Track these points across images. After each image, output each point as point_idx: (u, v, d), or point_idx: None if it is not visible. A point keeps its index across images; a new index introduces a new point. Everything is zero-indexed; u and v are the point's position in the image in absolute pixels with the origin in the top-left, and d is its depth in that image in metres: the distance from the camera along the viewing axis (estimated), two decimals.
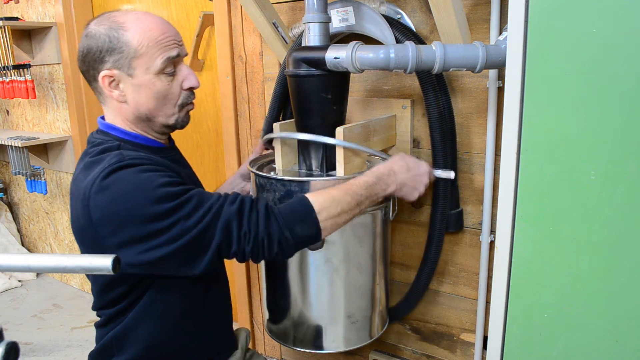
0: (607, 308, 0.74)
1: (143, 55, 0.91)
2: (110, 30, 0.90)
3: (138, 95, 0.93)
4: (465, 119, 1.22)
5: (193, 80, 0.97)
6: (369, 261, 1.13)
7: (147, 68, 0.91)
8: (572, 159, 0.72)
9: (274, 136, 1.13)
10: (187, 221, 0.84)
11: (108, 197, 0.85)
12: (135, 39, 0.90)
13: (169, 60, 0.93)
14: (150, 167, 0.88)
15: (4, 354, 0.50)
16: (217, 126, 1.96)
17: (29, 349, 2.07)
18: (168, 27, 0.94)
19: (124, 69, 0.91)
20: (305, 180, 1.04)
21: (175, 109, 0.97)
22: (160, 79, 0.93)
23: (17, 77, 2.33)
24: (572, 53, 0.69)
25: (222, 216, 0.86)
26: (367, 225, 1.10)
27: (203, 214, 0.85)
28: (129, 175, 0.86)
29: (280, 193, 1.05)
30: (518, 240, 0.80)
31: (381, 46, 0.96)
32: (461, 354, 1.38)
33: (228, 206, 0.87)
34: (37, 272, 2.79)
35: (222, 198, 0.89)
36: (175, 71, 0.95)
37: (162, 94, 0.94)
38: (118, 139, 0.96)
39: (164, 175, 0.87)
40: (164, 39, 0.92)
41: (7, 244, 2.83)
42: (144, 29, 0.91)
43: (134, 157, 0.89)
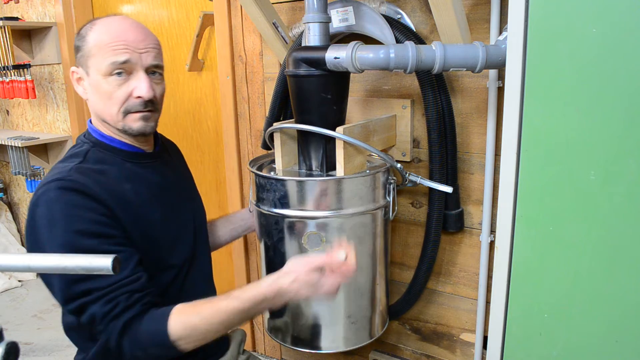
0: (607, 308, 0.74)
1: (95, 55, 0.94)
2: (85, 29, 0.96)
3: (92, 94, 0.98)
4: (465, 119, 1.22)
5: (143, 89, 0.96)
6: (369, 261, 1.13)
7: (97, 69, 0.95)
8: (572, 159, 0.72)
9: (276, 127, 1.12)
10: (71, 285, 0.88)
11: (31, 214, 0.91)
12: (92, 40, 0.94)
13: (115, 64, 0.93)
14: (80, 201, 0.89)
15: (4, 354, 0.50)
16: (217, 126, 1.96)
17: (29, 349, 2.07)
18: (129, 32, 0.95)
19: (84, 67, 0.97)
20: (304, 180, 1.04)
21: (119, 115, 0.97)
22: (107, 81, 0.95)
23: (17, 77, 2.33)
24: (572, 53, 0.69)
25: (91, 308, 0.89)
26: (366, 225, 1.10)
27: (80, 292, 0.88)
28: (53, 200, 0.89)
29: (280, 193, 1.05)
30: (518, 240, 0.80)
31: (381, 46, 0.96)
32: (461, 354, 1.38)
33: (102, 305, 0.88)
34: (37, 272, 2.79)
35: (114, 286, 0.89)
36: (129, 78, 0.96)
37: (107, 96, 0.96)
38: (95, 142, 1.00)
39: (87, 220, 0.89)
40: (114, 43, 0.93)
41: (7, 244, 2.83)
42: (103, 31, 0.94)
43: (76, 181, 0.90)
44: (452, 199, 1.23)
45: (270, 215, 1.08)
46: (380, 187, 1.10)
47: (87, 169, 0.95)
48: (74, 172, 0.93)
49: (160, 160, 1.08)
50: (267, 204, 1.08)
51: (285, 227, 1.07)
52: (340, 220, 1.05)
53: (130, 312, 0.90)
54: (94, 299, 0.89)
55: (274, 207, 1.07)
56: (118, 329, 0.89)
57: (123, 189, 0.97)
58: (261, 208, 1.11)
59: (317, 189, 1.03)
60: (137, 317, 0.90)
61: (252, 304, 0.90)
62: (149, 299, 0.94)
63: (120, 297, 0.89)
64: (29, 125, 2.68)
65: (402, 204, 1.37)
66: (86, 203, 0.90)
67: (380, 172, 1.09)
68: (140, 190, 1.00)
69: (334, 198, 1.04)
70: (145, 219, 0.99)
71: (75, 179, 0.91)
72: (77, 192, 0.90)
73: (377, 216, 1.11)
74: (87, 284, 0.88)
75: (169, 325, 0.88)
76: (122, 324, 0.89)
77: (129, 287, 0.91)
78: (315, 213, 1.04)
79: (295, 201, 1.04)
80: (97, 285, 0.89)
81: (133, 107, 0.97)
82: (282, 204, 1.06)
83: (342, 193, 1.04)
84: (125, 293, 0.90)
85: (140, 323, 0.90)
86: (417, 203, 1.35)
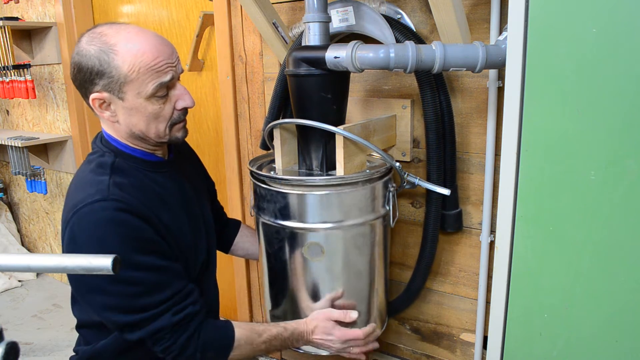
0: (607, 308, 0.74)
1: (134, 80, 0.89)
2: (101, 53, 0.88)
3: (129, 117, 0.93)
4: (465, 119, 1.22)
5: (188, 100, 0.96)
6: (368, 268, 1.13)
7: (138, 93, 0.90)
8: (572, 159, 0.72)
9: (276, 122, 1.12)
10: (129, 301, 0.90)
11: (72, 236, 0.88)
12: (125, 65, 0.88)
13: (161, 85, 0.91)
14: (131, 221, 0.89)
15: (4, 354, 0.50)
16: (217, 126, 1.96)
17: (29, 349, 2.07)
18: (162, 49, 0.91)
19: (115, 92, 0.90)
20: (306, 193, 1.03)
21: (167, 130, 0.97)
22: (151, 103, 0.92)
23: (17, 77, 2.33)
24: (572, 53, 0.69)
25: (158, 321, 0.91)
26: (366, 235, 1.10)
27: (141, 307, 0.90)
28: (103, 223, 0.88)
29: (280, 204, 1.06)
30: (518, 240, 0.80)
31: (381, 45, 0.96)
32: (461, 354, 1.38)
33: (171, 316, 0.92)
34: (37, 272, 2.79)
35: (171, 302, 0.93)
36: (169, 93, 0.94)
37: (153, 116, 0.93)
38: (116, 151, 0.98)
39: (142, 239, 0.90)
40: (157, 64, 0.90)
41: (7, 244, 2.83)
42: (136, 53, 0.88)
43: (120, 200, 0.89)
44: (450, 199, 1.23)
45: (271, 225, 1.09)
46: (379, 197, 1.10)
47: (123, 184, 0.92)
48: (114, 189, 0.90)
49: (176, 168, 1.08)
50: (268, 214, 1.09)
51: (285, 237, 1.08)
52: (340, 232, 1.06)
53: (197, 319, 0.97)
54: (161, 312, 0.91)
55: (274, 218, 1.08)
56: (187, 337, 0.94)
57: (157, 204, 0.97)
58: (262, 217, 1.11)
59: (318, 202, 1.04)
60: (203, 324, 0.98)
61: (291, 336, 1.06)
62: (205, 308, 1.01)
63: (188, 307, 0.95)
64: (29, 125, 2.68)
65: (402, 204, 1.37)
66: (134, 222, 0.89)
67: (380, 181, 1.09)
68: (168, 202, 1.00)
69: (334, 210, 1.04)
70: (178, 232, 1.00)
71: (119, 197, 0.89)
72: (124, 211, 0.88)
73: (376, 225, 1.11)
74: (146, 299, 0.90)
75: (235, 335, 0.99)
76: (191, 332, 0.95)
77: (192, 298, 0.97)
78: (315, 225, 1.05)
79: (295, 213, 1.05)
80: (157, 300, 0.91)
81: (178, 119, 0.97)
82: (282, 215, 1.06)
83: (342, 205, 1.04)
84: (191, 304, 0.96)
85: (206, 330, 0.97)
86: (417, 203, 1.35)
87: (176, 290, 0.93)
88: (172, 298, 0.92)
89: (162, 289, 0.92)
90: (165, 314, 0.91)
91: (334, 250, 1.07)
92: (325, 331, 1.06)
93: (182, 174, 1.10)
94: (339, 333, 1.07)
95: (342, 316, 1.08)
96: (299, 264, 1.09)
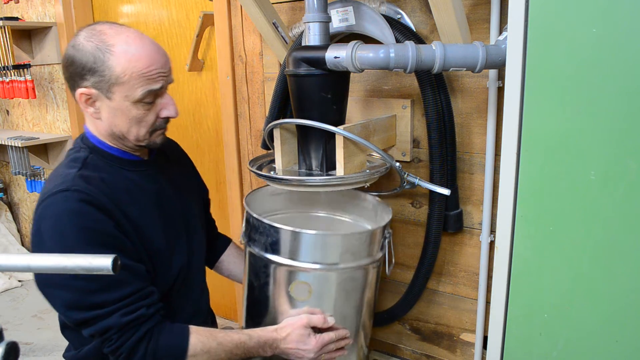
0: (607, 308, 0.74)
1: (124, 83, 0.90)
2: (97, 51, 0.89)
3: (113, 117, 0.94)
4: (465, 119, 1.22)
5: (172, 110, 0.98)
6: (354, 313, 1.10)
7: (126, 95, 0.91)
8: (572, 159, 0.72)
9: (276, 122, 1.12)
10: (84, 297, 0.88)
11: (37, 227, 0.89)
12: (119, 67, 0.89)
13: (150, 92, 0.92)
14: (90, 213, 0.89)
15: (4, 354, 0.50)
16: (217, 126, 1.96)
17: (29, 349, 2.07)
18: (157, 58, 0.93)
19: (103, 91, 0.92)
20: (300, 231, 1.00)
21: (147, 135, 0.98)
22: (137, 107, 0.93)
23: (17, 77, 2.33)
24: (572, 53, 0.69)
25: (106, 321, 0.89)
26: (357, 280, 1.07)
27: (95, 304, 0.88)
28: (62, 213, 0.88)
29: (272, 238, 1.03)
30: (518, 240, 0.80)
31: (381, 45, 0.96)
32: (461, 354, 1.38)
33: (119, 317, 0.89)
34: (37, 272, 2.79)
35: (131, 298, 0.91)
36: (155, 100, 0.95)
37: (136, 120, 0.95)
38: (92, 148, 0.99)
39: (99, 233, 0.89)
40: (149, 71, 0.91)
41: (7, 244, 2.83)
42: (131, 57, 0.90)
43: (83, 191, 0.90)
44: (451, 199, 1.23)
45: (260, 258, 1.06)
46: (376, 242, 1.07)
47: (90, 177, 0.93)
48: (78, 180, 0.91)
49: (155, 168, 1.08)
50: (258, 246, 1.06)
51: (273, 273, 1.05)
52: (331, 274, 1.03)
53: (149, 323, 0.93)
54: (111, 311, 0.89)
55: (264, 251, 1.05)
56: (136, 339, 0.90)
57: (124, 199, 0.97)
58: (251, 247, 1.08)
59: (312, 241, 1.00)
60: (155, 328, 0.93)
61: (257, 344, 1.00)
62: (163, 313, 0.97)
63: (140, 309, 0.91)
64: (29, 125, 2.68)
65: (402, 204, 1.37)
66: (95, 215, 0.89)
67: (379, 227, 1.06)
68: (139, 200, 1.00)
69: (327, 251, 1.01)
70: (146, 229, 0.99)
71: (81, 188, 0.90)
72: (84, 202, 0.88)
73: (369, 270, 1.08)
74: (102, 295, 0.88)
75: (190, 342, 0.94)
76: (141, 335, 0.91)
77: (147, 300, 0.93)
78: (306, 265, 1.01)
79: (287, 250, 1.02)
80: (113, 297, 0.89)
81: (160, 126, 0.99)
82: (273, 250, 1.03)
83: (336, 247, 1.02)
84: (144, 306, 0.92)
85: (159, 335, 0.93)
86: (417, 203, 1.35)
87: (133, 291, 0.91)
88: (126, 298, 0.90)
89: (118, 287, 0.90)
90: (115, 313, 0.89)
91: (322, 292, 1.04)
92: (301, 339, 1.01)
93: (163, 175, 1.09)
94: (315, 342, 1.01)
95: (321, 321, 1.02)
96: (283, 301, 1.06)
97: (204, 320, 1.19)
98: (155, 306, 0.95)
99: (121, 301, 0.90)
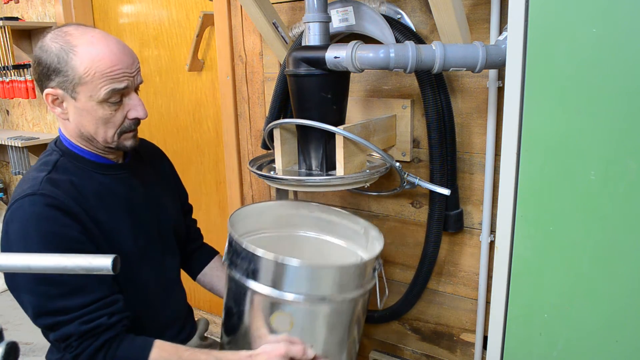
0: (607, 308, 0.74)
1: (87, 83, 0.90)
2: (61, 51, 0.90)
3: (80, 117, 0.95)
4: (465, 119, 1.22)
5: (140, 111, 0.97)
6: (337, 349, 1.03)
7: (90, 95, 0.92)
8: (572, 159, 0.72)
9: (276, 122, 1.11)
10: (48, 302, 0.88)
11: (5, 230, 0.90)
12: (82, 66, 0.90)
13: (114, 91, 0.92)
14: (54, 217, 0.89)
15: (4, 354, 0.50)
16: (217, 126, 1.96)
17: (29, 349, 2.07)
18: (121, 58, 0.93)
19: (68, 91, 0.92)
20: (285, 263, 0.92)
21: (115, 136, 0.98)
22: (102, 107, 0.93)
23: (17, 77, 2.33)
24: (572, 53, 0.69)
25: (66, 328, 0.89)
26: (343, 314, 0.99)
27: (57, 310, 0.88)
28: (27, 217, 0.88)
29: (254, 266, 0.96)
30: (518, 240, 0.80)
31: (381, 45, 0.96)
32: (461, 354, 1.38)
33: (79, 325, 0.89)
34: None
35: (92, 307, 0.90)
36: (123, 100, 0.95)
37: (103, 121, 0.95)
38: (64, 150, 0.99)
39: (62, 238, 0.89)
40: (113, 71, 0.91)
41: None
42: (93, 57, 0.90)
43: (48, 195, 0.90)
44: (451, 199, 1.23)
45: (240, 284, 0.98)
46: (367, 274, 1.01)
47: (58, 180, 0.94)
48: (45, 184, 0.91)
49: (129, 172, 1.07)
50: (240, 271, 0.98)
51: (253, 301, 0.98)
52: (315, 307, 0.96)
53: (109, 333, 0.91)
54: (71, 319, 0.89)
55: (245, 277, 0.97)
56: (94, 348, 0.89)
57: (93, 203, 0.96)
58: (233, 272, 1.00)
59: (296, 273, 0.93)
60: (115, 339, 0.92)
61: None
62: (127, 323, 0.95)
63: (100, 318, 0.90)
64: (29, 125, 2.68)
65: (401, 204, 1.37)
66: (60, 219, 0.90)
67: (367, 261, 0.99)
68: (109, 204, 1.00)
69: (313, 283, 0.94)
70: (115, 234, 0.99)
71: (48, 192, 0.90)
72: (50, 207, 0.89)
73: (358, 304, 1.01)
74: (63, 301, 0.88)
75: (151, 355, 0.92)
76: (100, 344, 0.90)
77: (109, 309, 0.92)
78: (290, 296, 0.93)
79: (269, 279, 0.94)
80: (74, 304, 0.89)
81: (128, 128, 0.98)
82: (254, 277, 0.96)
83: (323, 279, 0.95)
84: (105, 315, 0.91)
85: (118, 346, 0.92)
86: (417, 203, 1.35)
87: (95, 299, 0.90)
88: (87, 306, 0.90)
89: (80, 293, 0.89)
90: (75, 321, 0.89)
91: (304, 325, 0.97)
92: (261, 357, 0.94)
93: (137, 179, 1.08)
94: (271, 351, 0.93)
95: (300, 353, 0.94)
96: (262, 331, 0.98)
97: (183, 322, 1.18)
98: (118, 315, 0.93)
99: (82, 309, 0.89)
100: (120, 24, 2.18)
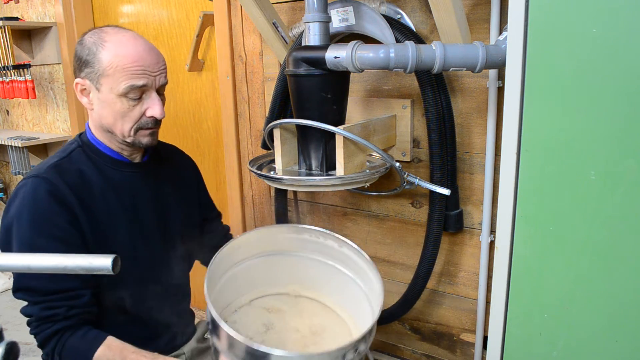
0: (607, 308, 0.74)
1: (110, 75, 0.95)
2: (93, 45, 0.97)
3: (102, 108, 0.99)
4: (465, 119, 1.22)
5: (157, 110, 1.00)
6: None
7: (111, 88, 0.96)
8: (572, 159, 0.72)
9: (276, 122, 1.11)
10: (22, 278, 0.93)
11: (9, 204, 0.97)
12: (106, 60, 0.95)
13: (133, 87, 0.96)
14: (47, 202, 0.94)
15: (4, 354, 0.50)
16: (217, 126, 1.96)
17: (29, 349, 2.07)
18: (145, 57, 0.97)
19: (94, 82, 0.98)
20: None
21: (131, 132, 1.01)
22: (121, 101, 0.97)
23: (17, 77, 2.33)
24: (572, 53, 0.69)
25: (29, 308, 0.94)
26: None
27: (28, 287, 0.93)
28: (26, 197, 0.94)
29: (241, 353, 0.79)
30: (518, 240, 0.80)
31: (381, 45, 0.96)
32: (461, 354, 1.38)
33: (39, 309, 0.93)
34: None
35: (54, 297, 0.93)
36: (142, 98, 0.99)
37: (121, 114, 0.99)
38: (84, 142, 1.05)
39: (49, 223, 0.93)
40: (133, 67, 0.95)
41: None
42: (118, 53, 0.95)
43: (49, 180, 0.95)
44: (451, 199, 1.23)
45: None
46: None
47: (65, 168, 0.99)
48: (50, 170, 0.97)
49: (142, 172, 1.08)
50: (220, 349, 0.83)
51: None
52: None
53: (64, 322, 0.95)
54: (36, 301, 0.94)
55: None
56: (49, 333, 0.93)
57: (95, 195, 1.00)
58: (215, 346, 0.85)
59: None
60: (69, 329, 0.95)
61: None
62: (87, 317, 0.98)
63: (59, 308, 0.94)
64: (29, 125, 2.68)
65: (402, 204, 1.37)
66: (52, 206, 0.94)
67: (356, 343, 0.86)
68: (111, 199, 1.02)
69: None
70: (108, 229, 1.00)
71: (49, 178, 0.95)
72: (47, 192, 0.94)
73: None
74: (34, 281, 0.93)
75: (96, 353, 0.94)
76: (53, 331, 0.94)
77: (70, 303, 0.95)
78: None
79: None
80: (39, 288, 0.93)
81: (145, 125, 1.01)
82: None
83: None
84: (65, 306, 0.94)
85: (71, 336, 0.95)
86: (417, 203, 1.35)
87: (60, 289, 0.94)
88: (52, 294, 0.93)
89: (52, 280, 0.93)
90: (38, 304, 0.93)
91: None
92: None
93: (149, 180, 1.09)
94: None
95: None
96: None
97: (183, 327, 1.19)
98: (78, 309, 0.96)
99: (46, 295, 0.94)
100: (121, 24, 2.18)
